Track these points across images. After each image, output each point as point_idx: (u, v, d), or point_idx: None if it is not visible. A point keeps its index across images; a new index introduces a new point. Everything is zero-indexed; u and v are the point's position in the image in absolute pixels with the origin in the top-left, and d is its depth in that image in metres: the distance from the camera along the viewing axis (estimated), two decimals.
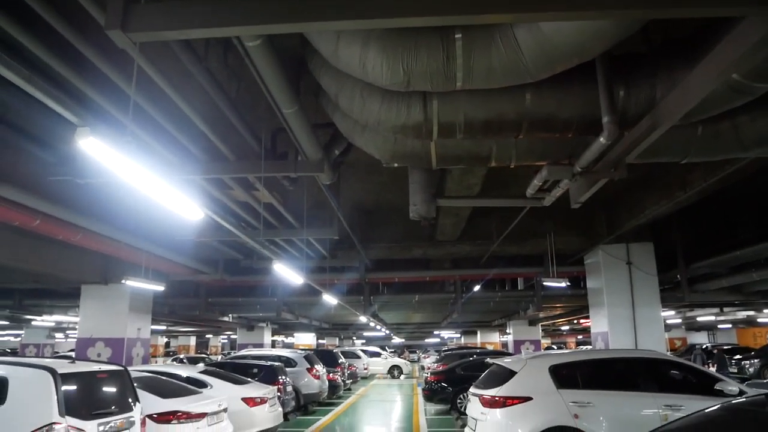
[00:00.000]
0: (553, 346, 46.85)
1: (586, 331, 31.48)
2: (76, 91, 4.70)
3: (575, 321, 27.48)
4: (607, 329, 11.83)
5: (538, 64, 3.82)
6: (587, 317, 15.31)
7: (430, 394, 15.05)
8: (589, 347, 26.15)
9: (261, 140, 6.59)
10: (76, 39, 4.16)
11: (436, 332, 44.94)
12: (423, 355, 40.27)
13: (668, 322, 26.54)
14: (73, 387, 5.43)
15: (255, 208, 8.71)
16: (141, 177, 3.80)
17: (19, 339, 35.31)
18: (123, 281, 11.85)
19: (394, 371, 32.58)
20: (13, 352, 35.19)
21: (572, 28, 3.48)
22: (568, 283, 14.17)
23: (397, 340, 56.48)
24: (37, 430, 4.81)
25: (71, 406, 5.18)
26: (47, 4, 3.90)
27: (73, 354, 15.40)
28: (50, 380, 5.14)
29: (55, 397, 5.06)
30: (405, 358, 39.37)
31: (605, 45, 3.71)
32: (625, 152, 4.67)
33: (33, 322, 27.77)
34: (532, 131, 4.86)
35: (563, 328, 36.57)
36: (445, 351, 27.26)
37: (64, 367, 5.55)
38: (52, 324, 28.88)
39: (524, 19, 3.43)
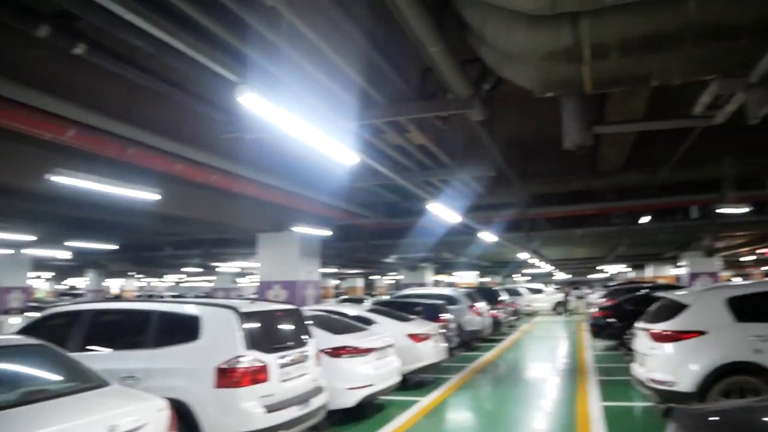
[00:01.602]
0: (736, 279, 42.87)
1: None
2: (234, 50, 5.01)
3: (761, 251, 24.77)
4: None
5: None
6: None
7: (597, 330, 14.67)
8: None
9: (410, 82, 6.61)
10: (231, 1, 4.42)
11: (601, 267, 43.10)
12: (589, 291, 38.99)
13: None
14: (255, 324, 5.93)
15: (408, 150, 8.84)
16: (298, 128, 4.01)
17: (211, 285, 39.94)
18: (292, 228, 12.78)
19: (558, 308, 32.05)
20: (207, 296, 39.97)
21: None
22: (751, 208, 12.73)
23: (560, 276, 55.17)
24: (228, 360, 5.43)
25: (254, 341, 5.69)
26: None
27: (256, 296, 17.07)
28: (234, 317, 5.72)
29: (240, 333, 5.63)
30: (569, 294, 38.42)
31: None
32: None
33: (218, 269, 31.16)
34: (697, 42, 4.34)
35: (746, 258, 33.11)
36: (613, 286, 26.17)
37: (245, 306, 6.15)
38: (237, 270, 32.19)
39: None
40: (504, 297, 21.75)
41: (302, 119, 3.96)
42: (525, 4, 3.93)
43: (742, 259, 32.68)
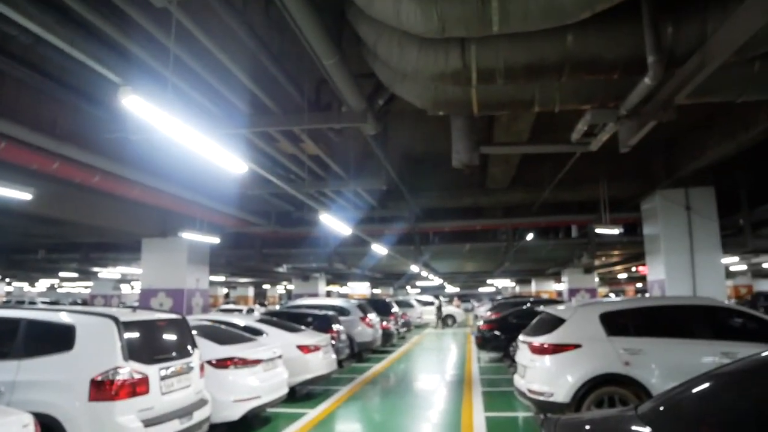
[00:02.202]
0: (611, 295, 46.22)
1: (645, 279, 30.83)
2: (121, 49, 4.83)
3: (633, 269, 26.95)
4: (664, 277, 11.57)
5: (577, 2, 3.67)
6: (645, 264, 15.01)
7: (483, 342, 15.19)
8: (647, 295, 25.71)
9: (305, 93, 6.62)
10: None
11: (489, 281, 44.97)
12: (476, 304, 40.46)
13: (732, 269, 25.69)
14: (135, 334, 5.69)
15: (302, 159, 8.82)
16: (184, 132, 3.91)
17: (88, 291, 37.37)
18: (180, 234, 12.34)
19: (447, 320, 32.92)
20: (84, 303, 37.26)
21: None
22: (622, 230, 13.85)
23: (450, 289, 56.90)
24: (103, 372, 5.15)
25: (134, 352, 5.45)
26: None
27: (138, 304, 16.27)
28: (113, 327, 5.44)
29: (119, 343, 5.37)
30: (458, 307, 39.68)
31: None
32: (673, 92, 4.48)
33: (99, 275, 29.38)
34: (575, 74, 4.71)
35: (621, 276, 35.91)
36: (499, 300, 27.34)
37: (126, 315, 5.86)
38: (118, 276, 30.46)
39: None
40: (396, 309, 22.09)
41: (190, 124, 3.85)
42: (416, 27, 4.07)
43: (617, 276, 35.32)
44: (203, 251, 14.85)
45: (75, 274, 29.57)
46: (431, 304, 34.89)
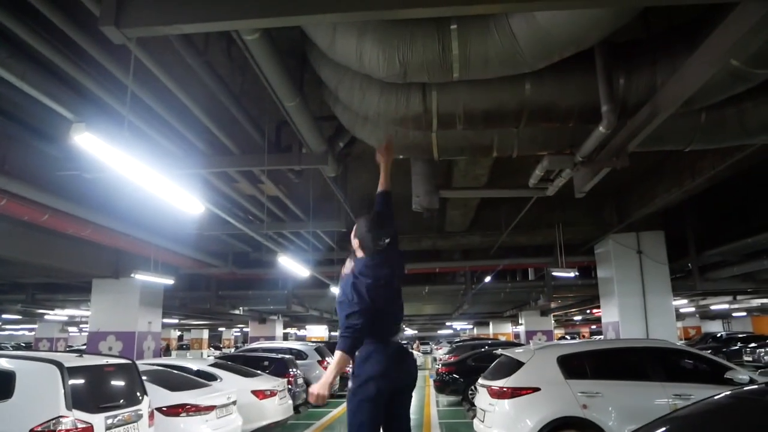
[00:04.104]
0: (566, 336, 46.71)
1: (599, 321, 31.30)
2: (76, 85, 4.74)
3: (587, 311, 27.39)
4: (618, 319, 11.77)
5: (534, 53, 3.79)
6: (599, 307, 15.27)
7: (442, 386, 15.07)
8: (602, 337, 26.09)
9: (265, 133, 6.61)
10: (75, 32, 4.17)
11: (448, 323, 44.97)
12: (435, 347, 40.31)
13: (681, 310, 26.37)
14: (81, 381, 5.45)
15: (261, 200, 8.75)
16: (139, 172, 3.82)
17: (33, 333, 35.74)
18: (133, 275, 11.97)
19: None
20: (28, 347, 35.59)
21: (567, 17, 3.45)
22: (577, 273, 14.12)
23: (409, 331, 56.60)
24: (44, 423, 4.87)
25: (78, 400, 5.20)
26: None
27: (85, 348, 15.61)
28: (57, 374, 5.18)
29: (62, 390, 5.10)
30: (417, 350, 39.45)
31: (602, 33, 3.67)
32: (626, 141, 4.64)
33: (46, 317, 28.07)
34: (532, 121, 4.84)
35: (576, 318, 36.42)
36: (457, 342, 27.30)
37: (71, 360, 5.59)
38: (65, 318, 29.21)
39: (517, 8, 3.41)
40: None
41: (146, 163, 3.77)
42: (378, 71, 4.13)
43: (572, 318, 35.81)
44: (157, 293, 14.43)
45: (19, 316, 28.23)
46: None
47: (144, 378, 6.57)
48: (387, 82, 4.51)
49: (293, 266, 10.76)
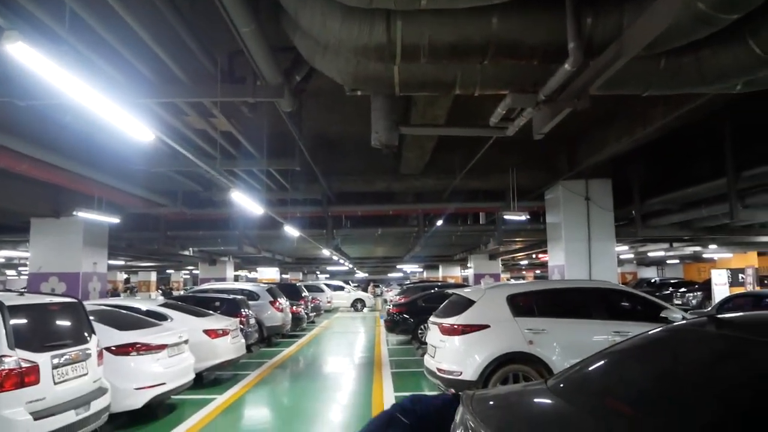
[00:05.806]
0: (512, 280, 48.21)
1: (543, 266, 32.35)
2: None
3: (534, 255, 28.18)
4: (564, 262, 12.13)
5: None
6: (545, 252, 15.66)
7: (392, 326, 15.37)
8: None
9: (218, 63, 6.28)
10: None
11: (399, 266, 45.63)
12: (386, 289, 40.99)
13: (621, 257, 27.44)
14: (23, 320, 5.30)
15: (212, 136, 8.43)
16: (81, 93, 3.54)
17: None
18: (75, 213, 11.53)
19: (357, 304, 33.14)
20: None
21: None
22: (528, 217, 14.39)
23: (360, 274, 57.26)
24: None
25: (22, 339, 5.06)
26: None
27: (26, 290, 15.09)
28: None
29: (3, 330, 4.94)
30: (369, 292, 40.07)
31: None
32: (589, 81, 4.59)
33: None
34: (497, 57, 4.72)
35: (522, 262, 37.56)
36: (408, 284, 27.78)
37: (12, 299, 5.38)
38: (1, 260, 28.17)
39: None
40: (306, 293, 21.94)
41: (85, 83, 3.49)
42: None
43: (519, 262, 36.88)
44: (102, 233, 14.00)
45: None
46: (341, 288, 35.00)
47: (91, 318, 6.41)
48: (350, 6, 4.29)
49: (246, 203, 10.54)
